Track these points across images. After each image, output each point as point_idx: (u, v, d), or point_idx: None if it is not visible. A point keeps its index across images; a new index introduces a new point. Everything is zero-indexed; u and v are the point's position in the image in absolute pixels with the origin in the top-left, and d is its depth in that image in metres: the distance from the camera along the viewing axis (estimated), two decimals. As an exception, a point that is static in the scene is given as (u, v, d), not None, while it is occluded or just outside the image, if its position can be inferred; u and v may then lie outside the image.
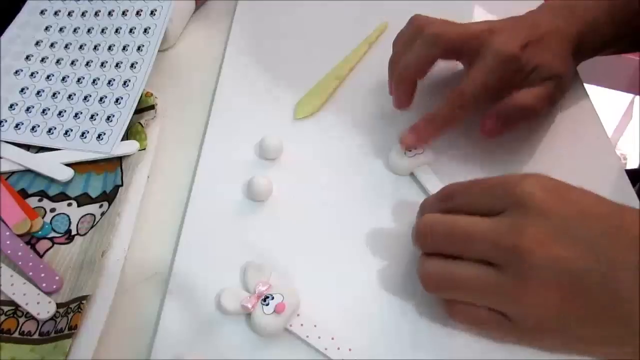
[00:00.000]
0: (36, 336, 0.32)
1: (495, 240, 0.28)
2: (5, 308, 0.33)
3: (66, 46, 0.48)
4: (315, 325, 0.32)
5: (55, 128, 0.42)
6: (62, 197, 0.39)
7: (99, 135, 0.41)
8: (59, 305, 0.33)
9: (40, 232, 0.37)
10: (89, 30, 0.48)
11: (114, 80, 0.44)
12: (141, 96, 0.43)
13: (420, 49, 0.39)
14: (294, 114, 0.44)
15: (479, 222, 0.29)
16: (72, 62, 0.47)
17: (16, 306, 0.33)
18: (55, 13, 0.50)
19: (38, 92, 0.45)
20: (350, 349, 0.31)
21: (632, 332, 0.26)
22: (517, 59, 0.37)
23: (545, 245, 0.27)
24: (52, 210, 0.38)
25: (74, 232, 0.37)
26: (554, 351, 0.30)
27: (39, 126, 0.43)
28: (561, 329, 0.28)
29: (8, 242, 0.36)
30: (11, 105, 0.44)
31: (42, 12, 0.50)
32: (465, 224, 0.29)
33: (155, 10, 0.47)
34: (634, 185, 0.39)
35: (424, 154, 0.39)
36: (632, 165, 1.39)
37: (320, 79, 0.46)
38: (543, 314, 0.27)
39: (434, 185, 0.38)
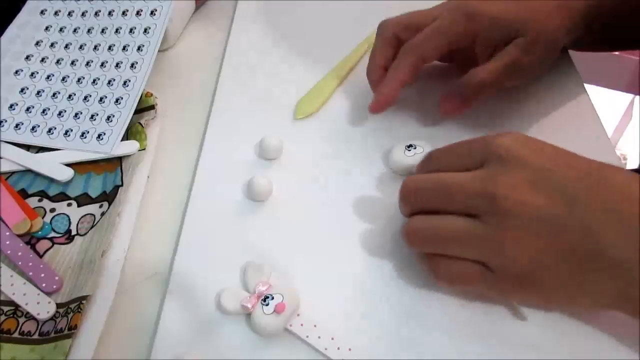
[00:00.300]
0: (36, 336, 0.32)
1: (472, 190, 0.29)
2: (5, 308, 0.33)
3: (66, 46, 0.48)
4: (315, 325, 0.32)
5: (55, 128, 0.42)
6: (62, 197, 0.39)
7: (99, 135, 0.41)
8: (58, 306, 0.33)
9: (40, 232, 0.37)
10: (89, 30, 0.48)
11: (114, 80, 0.44)
12: (141, 96, 0.43)
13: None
14: (294, 114, 0.44)
15: (459, 175, 0.30)
16: (72, 62, 0.47)
17: (16, 306, 0.33)
18: (56, 13, 0.50)
19: (38, 92, 0.45)
20: (350, 349, 0.31)
21: (617, 277, 0.27)
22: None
23: (519, 191, 0.28)
24: (52, 210, 0.38)
25: (74, 232, 0.37)
26: (538, 306, 0.31)
27: (39, 126, 0.43)
28: (544, 279, 0.28)
29: (8, 242, 0.36)
30: (11, 105, 0.44)
31: (42, 12, 0.50)
32: (446, 177, 0.30)
33: (155, 10, 0.47)
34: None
35: (423, 153, 0.39)
36: (632, 165, 1.39)
37: (320, 79, 0.46)
38: (524, 263, 0.28)
39: None
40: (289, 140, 0.41)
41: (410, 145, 0.39)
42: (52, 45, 0.48)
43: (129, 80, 0.44)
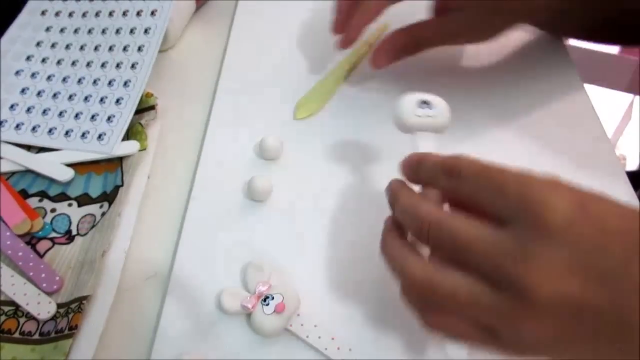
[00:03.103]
0: (36, 336, 0.32)
1: (498, 262, 0.24)
2: (6, 308, 0.33)
3: (67, 47, 0.48)
4: (315, 325, 0.32)
5: (55, 128, 0.43)
6: (62, 197, 0.39)
7: (100, 136, 0.41)
8: (59, 306, 0.33)
9: (40, 233, 0.37)
10: (89, 31, 0.48)
11: (115, 80, 0.44)
12: (142, 96, 0.43)
13: None
14: (294, 115, 0.44)
15: (481, 232, 0.25)
16: (73, 63, 0.47)
17: (17, 306, 0.33)
18: (56, 14, 0.50)
19: (39, 93, 0.45)
20: (350, 349, 0.31)
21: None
22: None
23: (555, 280, 0.23)
24: (53, 210, 0.38)
25: (74, 232, 0.37)
26: None
27: (39, 126, 0.43)
28: (558, 353, 0.25)
29: (8, 243, 0.36)
30: (12, 106, 0.44)
31: (43, 13, 0.50)
32: (464, 231, 0.25)
33: (156, 11, 0.47)
34: (635, 190, 0.39)
35: (438, 119, 0.33)
36: (631, 166, 1.39)
37: (320, 79, 0.46)
38: (540, 340, 0.24)
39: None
40: (289, 140, 0.41)
41: (424, 102, 0.33)
42: (52, 45, 0.48)
43: (130, 81, 0.44)
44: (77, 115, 0.43)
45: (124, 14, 0.47)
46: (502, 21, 0.40)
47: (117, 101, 0.43)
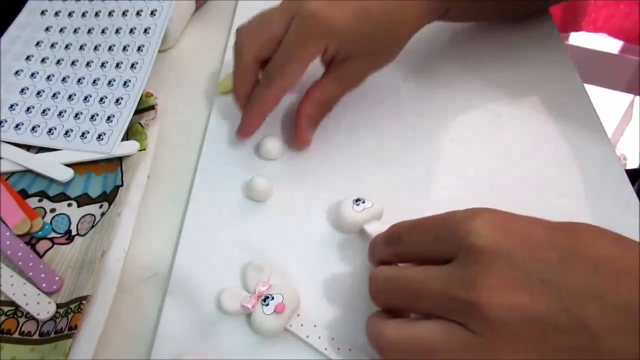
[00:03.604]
0: (36, 336, 0.32)
1: (449, 296, 0.25)
2: (5, 308, 0.33)
3: (67, 46, 0.48)
4: (315, 325, 0.32)
5: (55, 128, 0.43)
6: (62, 197, 0.39)
7: (99, 136, 0.41)
8: (59, 306, 0.33)
9: (40, 233, 0.37)
10: (89, 31, 0.48)
11: (114, 80, 0.44)
12: (141, 96, 0.43)
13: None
14: (216, 90, 0.45)
15: (429, 274, 0.27)
16: (73, 63, 0.47)
17: (16, 306, 0.33)
18: (56, 13, 0.50)
19: (38, 93, 0.45)
20: (350, 349, 0.31)
21: None
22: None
23: (503, 294, 0.24)
24: (52, 210, 0.38)
25: (74, 232, 0.37)
26: None
27: (39, 126, 0.43)
28: None
29: (8, 243, 0.36)
30: (11, 106, 0.44)
31: (42, 13, 0.50)
32: (415, 277, 0.27)
33: (156, 11, 0.47)
34: (633, 184, 0.39)
35: (371, 208, 0.36)
36: (632, 165, 1.39)
37: None
38: None
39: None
40: (289, 139, 0.41)
41: (357, 200, 0.36)
42: (52, 45, 0.48)
43: (129, 81, 0.44)
44: (76, 115, 0.43)
45: (124, 14, 0.47)
46: (396, 45, 0.40)
47: (117, 101, 0.43)
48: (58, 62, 0.47)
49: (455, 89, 0.46)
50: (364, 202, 0.36)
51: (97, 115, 0.43)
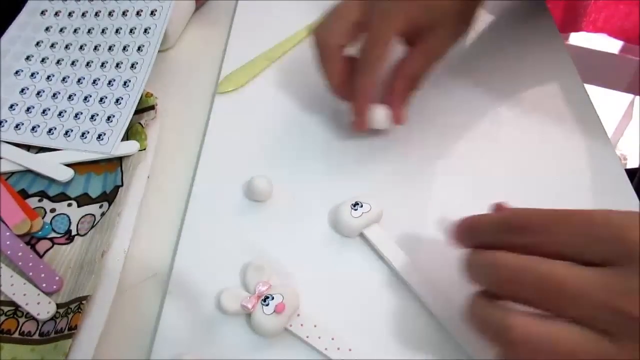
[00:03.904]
0: (36, 336, 0.32)
1: (611, 307, 0.23)
2: (5, 308, 0.33)
3: (67, 46, 0.48)
4: (315, 325, 0.32)
5: (55, 128, 0.43)
6: (62, 197, 0.39)
7: (99, 136, 0.41)
8: (59, 306, 0.33)
9: (40, 233, 0.37)
10: (89, 31, 0.48)
11: (114, 80, 0.44)
12: (141, 96, 0.43)
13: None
14: (217, 89, 0.45)
15: (584, 277, 0.24)
16: (73, 63, 0.47)
17: (16, 306, 0.33)
18: (56, 14, 0.50)
19: (38, 93, 0.45)
20: (350, 349, 0.31)
21: None
22: None
23: None
24: (52, 210, 0.38)
25: (74, 232, 0.37)
26: None
27: (39, 126, 0.43)
28: None
29: (8, 243, 0.36)
30: (11, 106, 0.44)
31: (42, 13, 0.50)
32: (559, 271, 0.24)
33: (156, 11, 0.47)
34: (632, 182, 0.39)
35: (369, 212, 0.36)
36: (632, 165, 1.39)
37: (251, 59, 0.48)
38: None
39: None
40: (290, 138, 0.41)
41: (355, 204, 0.36)
42: (52, 45, 0.48)
43: (129, 81, 0.44)
44: (76, 115, 0.43)
45: (124, 14, 0.47)
46: (472, 12, 0.41)
47: (117, 101, 0.43)
48: (58, 62, 0.47)
49: (455, 88, 0.46)
50: (362, 205, 0.36)
51: (97, 115, 0.43)
